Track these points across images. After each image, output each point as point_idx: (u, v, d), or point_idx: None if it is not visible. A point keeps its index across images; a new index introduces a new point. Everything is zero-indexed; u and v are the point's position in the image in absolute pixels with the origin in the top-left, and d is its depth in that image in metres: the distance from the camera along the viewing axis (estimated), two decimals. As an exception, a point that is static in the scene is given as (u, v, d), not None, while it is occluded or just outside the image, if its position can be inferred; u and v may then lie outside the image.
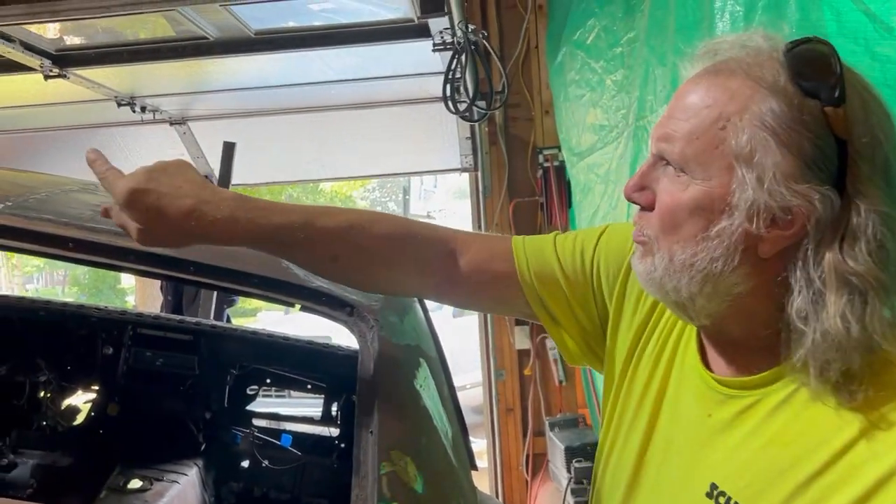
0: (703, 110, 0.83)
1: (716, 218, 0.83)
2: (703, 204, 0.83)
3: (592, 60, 2.74)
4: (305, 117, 4.20)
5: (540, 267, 1.10)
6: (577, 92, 3.02)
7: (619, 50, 2.44)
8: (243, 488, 2.82)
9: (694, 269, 0.84)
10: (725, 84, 0.83)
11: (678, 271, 0.85)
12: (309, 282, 1.19)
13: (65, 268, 21.94)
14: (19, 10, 2.48)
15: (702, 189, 0.83)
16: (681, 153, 0.84)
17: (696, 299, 0.86)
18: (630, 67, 2.28)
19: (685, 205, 0.84)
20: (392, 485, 0.86)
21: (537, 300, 1.10)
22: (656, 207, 0.88)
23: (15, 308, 2.74)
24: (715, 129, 0.82)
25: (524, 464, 4.07)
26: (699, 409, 0.91)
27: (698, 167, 0.83)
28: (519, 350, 4.09)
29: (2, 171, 1.62)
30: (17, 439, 2.79)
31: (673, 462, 0.93)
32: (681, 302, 0.87)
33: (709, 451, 0.89)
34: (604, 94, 2.65)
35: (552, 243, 1.13)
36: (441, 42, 2.82)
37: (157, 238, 1.02)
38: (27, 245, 1.10)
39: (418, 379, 1.14)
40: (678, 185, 0.85)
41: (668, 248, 0.86)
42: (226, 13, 2.69)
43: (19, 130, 4.38)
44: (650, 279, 0.89)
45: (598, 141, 2.76)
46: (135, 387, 2.76)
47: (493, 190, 4.07)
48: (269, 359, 2.76)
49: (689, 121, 0.84)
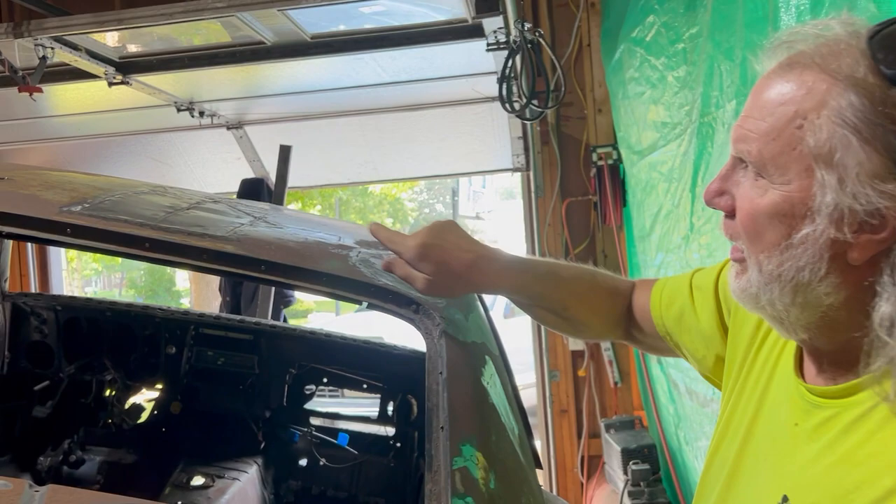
0: (779, 108, 0.78)
1: (798, 224, 0.78)
2: (783, 210, 0.78)
3: (653, 57, 2.71)
4: (358, 120, 4.25)
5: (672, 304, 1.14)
6: (637, 89, 2.99)
7: (681, 46, 2.40)
8: (301, 486, 2.85)
9: (782, 280, 0.80)
10: (800, 78, 0.77)
11: (767, 283, 0.81)
12: (375, 279, 1.20)
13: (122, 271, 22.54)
14: (86, 20, 2.57)
15: (781, 194, 0.78)
16: (759, 155, 0.79)
17: (790, 311, 0.81)
18: (693, 63, 2.25)
19: (764, 211, 0.79)
20: (465, 480, 0.86)
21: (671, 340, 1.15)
22: (737, 214, 0.84)
23: (83, 309, 2.82)
24: (791, 128, 0.77)
25: (579, 465, 4.04)
26: (789, 418, 0.88)
27: (776, 170, 0.78)
28: (573, 351, 4.06)
29: (77, 174, 1.68)
30: (84, 436, 2.87)
31: (761, 469, 0.90)
32: (777, 315, 0.83)
33: (789, 461, 0.85)
34: (665, 91, 2.62)
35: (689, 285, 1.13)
36: (495, 42, 2.82)
37: (441, 288, 1.11)
38: (105, 245, 1.13)
39: (485, 376, 1.14)
40: (757, 189, 0.80)
41: (756, 258, 0.82)
42: (283, 17, 2.73)
43: (84, 136, 4.52)
44: (747, 295, 0.85)
45: (661, 138, 2.73)
46: (197, 385, 2.81)
47: (546, 189, 4.05)
48: (326, 358, 2.78)
49: (765, 120, 0.79)
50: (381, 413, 2.80)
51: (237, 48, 3.09)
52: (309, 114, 4.15)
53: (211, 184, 4.65)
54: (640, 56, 2.85)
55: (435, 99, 4.11)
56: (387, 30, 3.05)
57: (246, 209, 1.53)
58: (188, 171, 4.64)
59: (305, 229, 1.44)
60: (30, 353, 2.77)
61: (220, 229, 1.25)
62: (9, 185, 1.29)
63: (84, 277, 21.78)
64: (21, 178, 1.39)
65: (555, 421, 4.08)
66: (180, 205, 1.37)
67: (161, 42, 3.13)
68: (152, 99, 3.62)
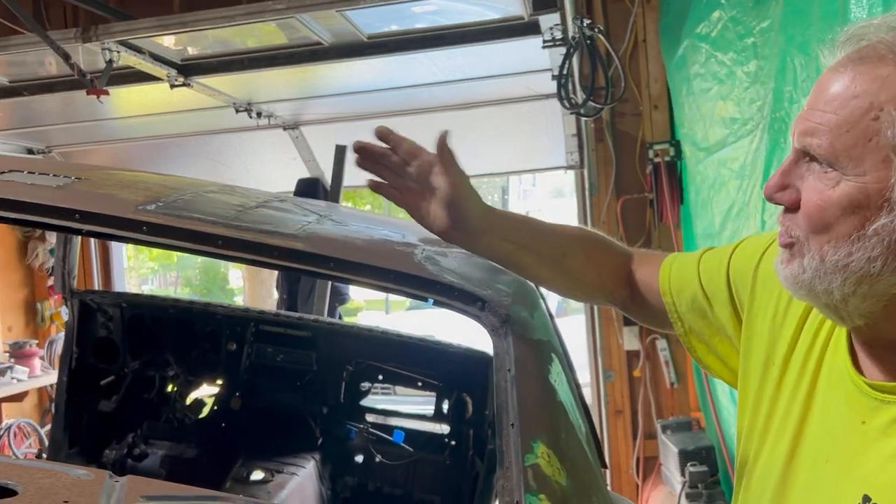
0: (852, 101, 0.78)
1: (872, 215, 0.77)
2: (858, 201, 0.78)
3: (719, 53, 2.66)
4: (411, 119, 4.27)
5: (685, 285, 1.11)
6: (703, 85, 2.94)
7: (751, 40, 2.36)
8: (357, 483, 2.87)
9: (848, 270, 0.79)
10: (874, 72, 0.77)
11: (830, 273, 0.81)
12: (441, 277, 1.21)
13: (177, 269, 23.05)
14: (150, 23, 2.63)
15: (855, 185, 0.78)
16: (830, 147, 0.79)
17: (849, 301, 0.81)
18: (764, 58, 2.20)
19: (836, 202, 0.79)
20: (537, 477, 0.86)
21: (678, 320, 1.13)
22: (802, 206, 0.83)
23: (147, 306, 2.89)
24: (867, 120, 0.77)
25: (634, 466, 4.00)
26: (851, 416, 0.86)
27: (850, 162, 0.78)
28: (628, 351, 4.02)
29: (147, 174, 1.72)
30: (147, 430, 2.94)
31: (824, 471, 0.87)
32: (832, 304, 0.83)
33: (862, 460, 0.83)
34: (735, 87, 2.58)
35: (696, 265, 1.11)
36: (551, 39, 2.80)
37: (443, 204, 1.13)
38: (179, 242, 1.16)
39: (552, 374, 1.13)
40: (826, 181, 0.80)
41: (819, 248, 0.81)
42: (340, 18, 2.76)
43: (145, 138, 4.64)
44: (798, 282, 0.84)
45: (730, 135, 2.68)
46: (256, 381, 2.86)
47: (600, 187, 4.02)
48: (382, 355, 2.80)
49: (836, 113, 0.79)
50: (437, 411, 2.81)
51: (295, 49, 3.14)
52: (363, 114, 4.19)
53: (267, 183, 4.73)
54: (705, 52, 2.81)
55: (488, 97, 4.12)
56: (443, 29, 3.06)
57: (311, 207, 1.55)
58: (245, 171, 4.73)
59: (370, 227, 1.46)
60: (96, 348, 2.85)
61: (289, 227, 1.27)
62: (87, 185, 1.33)
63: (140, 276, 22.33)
64: (97, 177, 1.44)
65: (609, 421, 4.04)
66: (249, 203, 1.39)
67: (216, 44, 3.20)
68: (211, 100, 3.70)
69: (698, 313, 1.10)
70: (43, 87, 3.50)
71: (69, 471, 0.97)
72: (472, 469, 2.69)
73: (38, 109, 4.00)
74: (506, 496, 0.86)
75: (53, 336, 5.31)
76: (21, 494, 0.86)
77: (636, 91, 3.92)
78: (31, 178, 1.34)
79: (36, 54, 3.11)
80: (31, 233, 5.22)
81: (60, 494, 0.88)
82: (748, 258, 1.04)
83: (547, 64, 3.35)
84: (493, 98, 4.13)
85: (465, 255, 1.37)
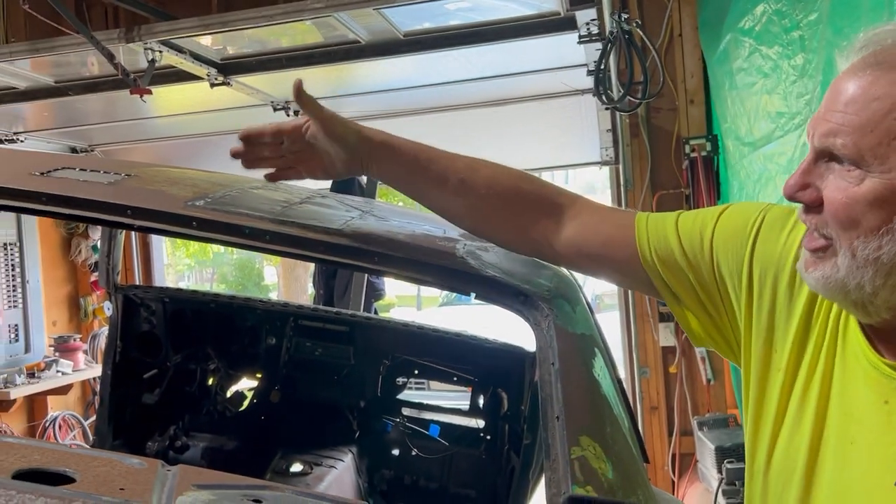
0: (873, 103, 0.82)
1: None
2: (885, 196, 0.81)
3: (764, 46, 2.63)
4: (445, 116, 4.28)
5: (662, 248, 1.09)
6: (747, 80, 2.91)
7: (798, 34, 2.33)
8: (394, 476, 2.90)
9: (879, 263, 0.83)
10: (891, 75, 0.81)
11: (861, 267, 0.83)
12: (484, 271, 1.22)
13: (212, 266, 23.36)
14: (192, 23, 2.68)
15: (881, 181, 0.81)
16: (854, 147, 0.82)
17: (879, 293, 0.84)
18: (812, 51, 2.17)
19: (863, 198, 0.82)
20: (584, 469, 0.87)
21: (659, 279, 1.10)
22: (827, 205, 0.86)
23: (188, 301, 2.94)
24: (888, 120, 0.81)
25: (669, 463, 3.97)
26: (872, 397, 0.88)
27: (875, 160, 0.81)
28: (663, 347, 4.00)
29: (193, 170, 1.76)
30: (189, 423, 2.99)
31: (854, 454, 0.89)
32: (861, 300, 0.85)
33: (890, 439, 0.85)
34: (781, 81, 2.54)
35: (675, 225, 1.10)
36: (587, 34, 2.80)
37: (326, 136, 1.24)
38: (228, 237, 1.19)
39: (595, 368, 1.14)
40: (850, 179, 0.83)
41: (850, 244, 0.84)
42: (377, 16, 2.78)
43: (186, 136, 4.71)
44: (831, 282, 0.86)
45: (777, 129, 2.64)
46: (295, 375, 2.90)
47: (635, 183, 4.00)
48: (419, 350, 2.82)
49: (858, 114, 0.82)
50: (472, 406, 2.82)
51: (332, 48, 3.17)
52: (398, 111, 4.21)
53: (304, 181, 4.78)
54: (748, 46, 2.78)
55: (522, 93, 4.11)
56: (478, 25, 3.06)
57: (353, 203, 1.58)
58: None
59: (411, 222, 1.48)
60: (139, 342, 2.91)
61: (334, 222, 1.29)
62: (137, 182, 1.37)
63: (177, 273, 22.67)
64: (146, 174, 1.47)
65: (645, 418, 4.02)
66: (293, 199, 1.42)
67: (252, 44, 3.24)
68: (249, 99, 3.75)
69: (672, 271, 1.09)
70: (87, 87, 3.57)
71: (123, 459, 0.99)
72: (507, 464, 2.69)
73: (82, 109, 4.09)
74: (552, 488, 0.87)
75: (96, 330, 5.43)
76: (79, 482, 0.88)
77: (672, 86, 3.89)
78: (83, 175, 1.37)
79: (78, 55, 3.18)
80: (75, 229, 5.34)
81: (116, 482, 0.91)
82: (737, 235, 1.04)
83: (581, 59, 3.34)
84: (526, 94, 4.12)
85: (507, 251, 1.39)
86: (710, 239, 1.06)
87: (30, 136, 4.70)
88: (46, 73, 3.52)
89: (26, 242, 4.86)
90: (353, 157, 1.23)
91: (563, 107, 4.21)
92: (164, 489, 0.92)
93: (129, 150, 5.08)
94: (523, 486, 2.50)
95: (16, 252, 4.80)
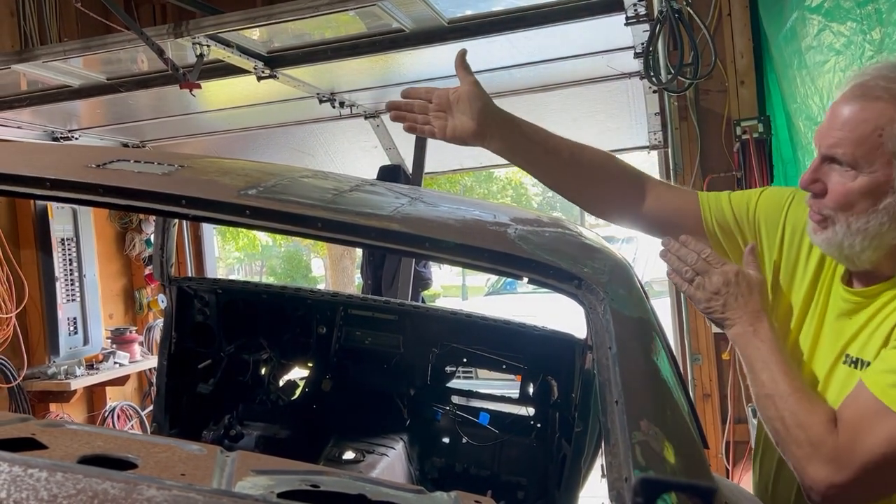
0: (861, 124, 1.22)
1: (882, 197, 1.22)
2: (872, 189, 1.23)
3: (835, 23, 2.55)
4: (491, 103, 4.24)
5: (720, 216, 1.53)
6: (818, 58, 2.81)
7: (872, 7, 2.27)
8: (445, 464, 2.90)
9: (867, 232, 1.24)
10: (874, 106, 1.22)
11: (854, 234, 1.25)
12: (536, 255, 1.20)
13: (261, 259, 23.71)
14: (238, 17, 2.70)
15: (869, 179, 1.23)
16: (851, 155, 1.23)
17: (865, 252, 1.26)
18: (892, 24, 2.11)
19: (857, 190, 1.24)
20: (645, 453, 0.85)
21: (715, 239, 1.53)
22: (829, 194, 1.27)
23: (240, 292, 2.98)
24: (874, 136, 1.21)
25: (723, 451, 3.90)
26: (838, 311, 1.35)
27: (866, 164, 1.22)
28: (715, 333, 3.91)
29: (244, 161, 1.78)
30: (243, 412, 3.04)
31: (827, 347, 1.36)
32: (851, 256, 1.27)
33: (841, 336, 1.33)
34: (857, 58, 2.46)
35: (728, 200, 1.54)
36: (634, 15, 2.74)
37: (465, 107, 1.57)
38: (280, 225, 1.19)
39: (653, 352, 1.12)
40: (847, 177, 1.24)
41: (846, 220, 1.25)
42: (421, 3, 2.76)
43: (234, 130, 4.78)
44: (831, 243, 1.28)
45: (853, 108, 2.57)
46: (346, 364, 2.92)
47: (685, 166, 3.91)
48: (468, 338, 2.81)
49: (853, 132, 1.23)
50: (522, 393, 2.81)
51: (376, 37, 3.16)
52: (443, 99, 4.18)
53: (350, 171, 4.80)
54: (817, 24, 2.69)
55: (568, 78, 4.05)
56: (522, 10, 3.02)
57: (401, 191, 1.57)
58: (329, 160, 4.82)
59: (460, 208, 1.47)
60: (194, 333, 2.96)
61: (384, 209, 1.29)
62: (190, 172, 1.38)
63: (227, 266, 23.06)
64: (198, 165, 1.49)
65: (698, 405, 3.95)
66: (343, 187, 1.42)
67: (297, 36, 3.25)
68: (296, 91, 3.77)
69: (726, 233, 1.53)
70: (137, 83, 3.63)
71: (183, 446, 1.00)
72: (558, 452, 2.67)
73: (133, 105, 4.16)
74: (613, 472, 0.85)
75: (151, 322, 5.55)
76: (141, 467, 0.90)
77: (721, 67, 3.79)
78: (138, 166, 1.39)
79: (129, 52, 3.23)
80: (129, 224, 5.46)
81: (177, 467, 0.92)
82: (774, 207, 1.48)
83: (628, 42, 3.27)
84: (572, 78, 4.06)
85: (559, 234, 1.36)
86: (755, 210, 1.50)
87: (84, 134, 4.81)
88: (98, 71, 3.59)
89: (83, 238, 4.98)
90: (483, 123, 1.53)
91: (610, 91, 4.15)
92: (224, 474, 0.93)
93: (179, 144, 5.17)
94: (575, 474, 2.47)
95: (73, 247, 4.92)
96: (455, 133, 1.54)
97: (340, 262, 14.24)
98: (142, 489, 0.73)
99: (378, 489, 0.89)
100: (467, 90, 1.52)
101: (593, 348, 1.05)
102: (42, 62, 3.24)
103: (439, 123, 1.55)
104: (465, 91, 1.52)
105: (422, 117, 1.59)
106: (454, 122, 1.53)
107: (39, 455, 0.84)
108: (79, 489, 0.71)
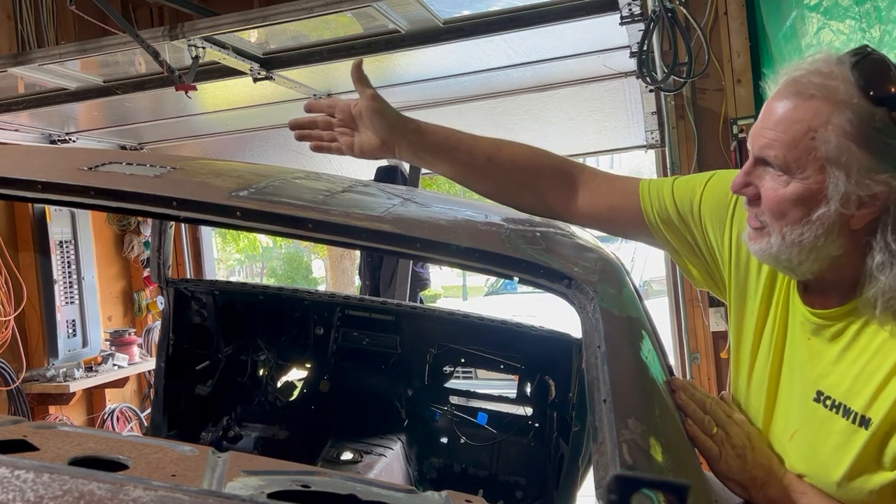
0: (794, 125, 1.09)
1: (815, 206, 1.08)
2: (804, 197, 1.09)
3: (834, 21, 2.55)
4: (487, 104, 4.25)
5: (662, 211, 1.38)
6: None
7: (870, 5, 2.25)
8: (443, 464, 2.90)
9: (802, 245, 1.11)
10: (808, 104, 1.08)
11: (789, 247, 1.12)
12: (527, 254, 1.21)
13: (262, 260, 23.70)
14: (233, 19, 2.70)
15: (801, 186, 1.09)
16: (783, 158, 1.09)
17: (803, 264, 1.13)
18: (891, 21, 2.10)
19: (788, 198, 1.10)
20: (633, 451, 0.85)
21: (661, 235, 1.39)
22: (763, 200, 1.14)
23: (238, 293, 2.98)
24: (807, 139, 1.07)
25: (722, 450, 3.90)
26: (803, 335, 1.20)
27: (797, 169, 1.09)
28: (714, 332, 3.91)
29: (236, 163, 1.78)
30: (241, 413, 3.05)
31: (794, 377, 1.21)
32: (790, 267, 1.15)
33: (812, 365, 1.17)
34: None
35: (671, 192, 1.38)
36: (629, 14, 2.74)
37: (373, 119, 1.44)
38: (272, 226, 1.20)
39: (643, 351, 1.12)
40: (779, 182, 1.11)
41: (780, 230, 1.12)
42: (416, 4, 2.77)
43: (231, 132, 4.78)
44: (767, 254, 1.15)
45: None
46: (343, 365, 2.92)
47: (682, 165, 3.91)
48: (465, 338, 2.82)
49: (785, 133, 1.09)
50: (520, 393, 2.81)
51: (372, 38, 3.17)
52: (439, 100, 4.19)
53: (347, 172, 4.81)
54: (816, 22, 2.69)
55: (564, 77, 4.05)
56: (518, 10, 3.03)
57: (394, 191, 1.58)
58: (326, 162, 4.81)
59: (452, 208, 1.47)
60: (191, 335, 2.96)
61: (376, 210, 1.30)
62: (182, 174, 1.39)
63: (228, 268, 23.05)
64: (190, 167, 1.50)
65: (696, 404, 3.95)
66: (335, 188, 1.43)
67: (293, 38, 3.25)
68: (292, 93, 3.77)
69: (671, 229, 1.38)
70: (134, 85, 3.64)
71: (175, 447, 1.00)
72: (556, 451, 2.68)
73: (130, 108, 4.17)
74: (600, 471, 0.85)
75: (150, 325, 5.56)
76: (132, 468, 0.90)
77: (718, 66, 3.79)
78: (130, 168, 1.40)
79: (125, 54, 3.24)
80: (127, 226, 5.46)
81: (168, 468, 0.92)
82: (720, 203, 1.32)
83: (624, 41, 3.28)
84: (569, 78, 4.06)
85: (550, 234, 1.37)
86: (699, 205, 1.34)
87: (81, 136, 4.82)
88: (95, 73, 3.60)
89: (81, 240, 4.98)
90: (388, 137, 1.43)
91: (607, 90, 4.15)
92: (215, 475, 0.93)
93: (176, 146, 5.17)
94: (573, 474, 2.48)
95: (71, 250, 4.93)
96: (363, 149, 1.45)
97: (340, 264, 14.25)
98: (128, 490, 0.73)
99: (369, 489, 0.90)
100: (366, 105, 1.42)
101: (583, 347, 1.06)
102: (39, 65, 3.25)
103: (346, 140, 1.46)
104: (364, 106, 1.42)
105: (327, 134, 1.49)
106: (360, 138, 1.45)
107: (29, 457, 0.84)
108: (65, 490, 0.71)
